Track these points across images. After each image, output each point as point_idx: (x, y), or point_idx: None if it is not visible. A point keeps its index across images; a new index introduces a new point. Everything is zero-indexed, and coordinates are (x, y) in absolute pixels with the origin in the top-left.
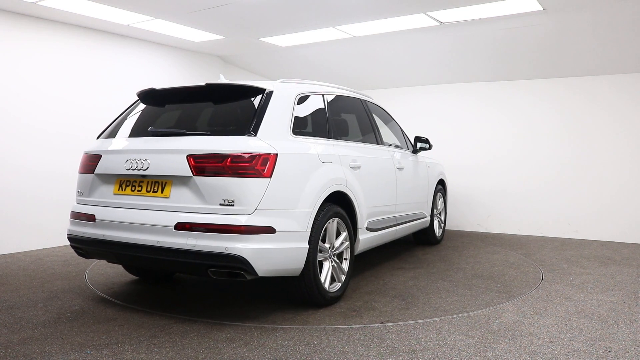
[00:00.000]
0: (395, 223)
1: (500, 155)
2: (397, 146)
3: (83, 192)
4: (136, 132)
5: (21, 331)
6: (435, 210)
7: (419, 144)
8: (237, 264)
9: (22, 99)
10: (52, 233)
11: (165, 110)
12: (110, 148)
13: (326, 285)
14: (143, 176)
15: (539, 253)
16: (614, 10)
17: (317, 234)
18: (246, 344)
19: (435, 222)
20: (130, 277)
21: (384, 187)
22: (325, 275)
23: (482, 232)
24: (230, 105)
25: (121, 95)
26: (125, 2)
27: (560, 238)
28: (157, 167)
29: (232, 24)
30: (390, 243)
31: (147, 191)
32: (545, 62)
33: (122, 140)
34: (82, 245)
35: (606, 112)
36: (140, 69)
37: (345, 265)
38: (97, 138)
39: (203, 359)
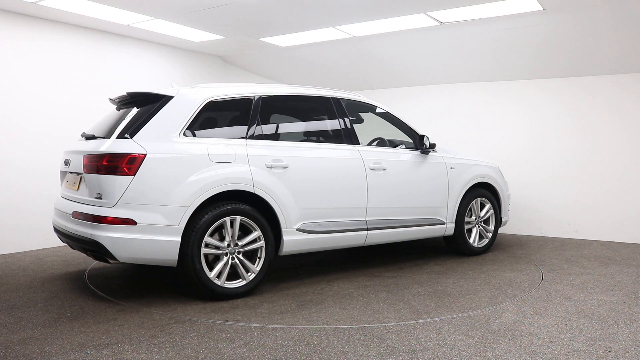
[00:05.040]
0: (364, 227)
1: (498, 156)
2: (407, 146)
3: (61, 185)
4: (80, 136)
5: (21, 331)
6: (473, 217)
7: (425, 142)
8: (99, 249)
9: (22, 99)
10: (52, 233)
11: (116, 114)
12: (65, 149)
13: (219, 281)
14: (70, 173)
15: (539, 253)
16: (614, 10)
17: (199, 230)
18: (246, 344)
19: (474, 231)
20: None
21: (340, 188)
22: (217, 271)
23: None
24: (137, 111)
25: None
26: (125, 2)
27: (560, 238)
28: (73, 165)
29: (232, 24)
30: (408, 246)
31: (71, 185)
32: (544, 62)
33: (73, 142)
34: (55, 232)
35: (607, 112)
36: (140, 69)
37: (258, 263)
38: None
39: (203, 359)
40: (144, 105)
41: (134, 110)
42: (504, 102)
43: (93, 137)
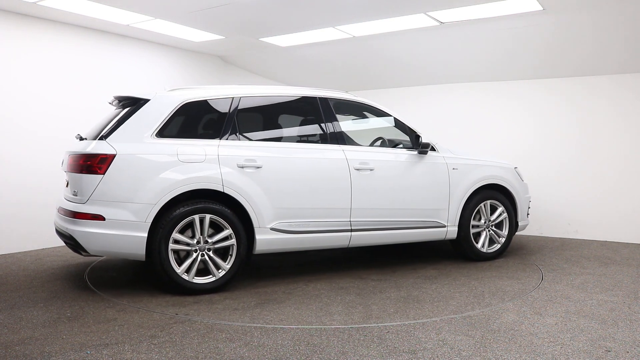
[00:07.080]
0: (348, 228)
1: (498, 155)
2: (405, 146)
3: None
4: (75, 137)
5: (21, 331)
6: (482, 220)
7: (420, 142)
8: (73, 242)
9: (22, 99)
10: (52, 233)
11: (111, 116)
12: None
13: (188, 276)
14: (65, 172)
15: (539, 253)
16: (614, 10)
17: (167, 227)
18: (246, 344)
19: (483, 235)
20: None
21: (320, 188)
22: (186, 266)
23: None
24: (122, 113)
25: None
26: (125, 2)
27: (560, 238)
28: (65, 165)
29: (232, 24)
30: (419, 248)
31: (65, 183)
32: (546, 62)
33: (72, 143)
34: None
35: (608, 113)
36: (140, 69)
37: (229, 261)
38: None
39: (203, 359)
40: (130, 107)
41: (123, 112)
42: (504, 102)
43: (81, 139)
